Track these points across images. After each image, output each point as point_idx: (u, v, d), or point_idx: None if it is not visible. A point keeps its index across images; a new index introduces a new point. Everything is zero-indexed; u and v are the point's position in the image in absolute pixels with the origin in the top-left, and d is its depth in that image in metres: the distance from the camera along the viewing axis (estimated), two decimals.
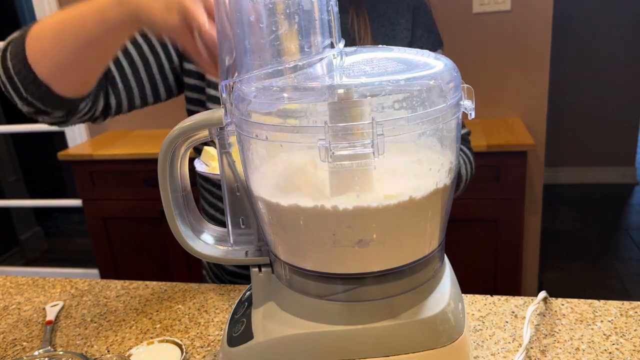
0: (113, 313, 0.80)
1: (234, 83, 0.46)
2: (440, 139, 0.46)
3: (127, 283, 0.89)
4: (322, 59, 0.46)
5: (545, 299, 0.73)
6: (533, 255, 2.19)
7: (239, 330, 0.51)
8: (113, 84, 0.78)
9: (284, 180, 0.47)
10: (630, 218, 3.18)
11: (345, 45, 0.50)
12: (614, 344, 0.64)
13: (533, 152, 2.06)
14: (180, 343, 0.68)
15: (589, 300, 0.73)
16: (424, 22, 0.91)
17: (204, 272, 1.04)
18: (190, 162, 0.56)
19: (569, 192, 3.55)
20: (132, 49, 0.79)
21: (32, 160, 3.38)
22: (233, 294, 0.82)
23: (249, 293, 0.55)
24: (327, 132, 0.40)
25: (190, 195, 0.54)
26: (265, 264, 0.52)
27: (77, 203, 2.38)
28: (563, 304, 0.73)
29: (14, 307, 0.85)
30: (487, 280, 1.94)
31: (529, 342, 0.65)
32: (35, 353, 0.69)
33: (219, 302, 0.80)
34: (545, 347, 0.64)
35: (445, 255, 0.54)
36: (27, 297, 0.88)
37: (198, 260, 1.86)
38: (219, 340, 0.71)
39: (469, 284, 0.83)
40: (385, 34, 0.88)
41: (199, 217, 0.55)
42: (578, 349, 0.63)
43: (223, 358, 0.53)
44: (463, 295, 0.59)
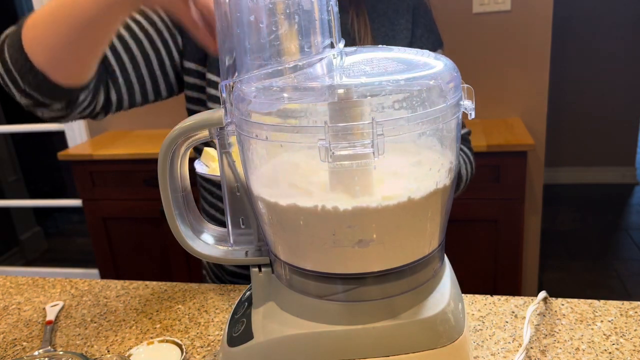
0: (113, 313, 0.80)
1: (234, 83, 0.46)
2: (440, 139, 0.46)
3: (127, 283, 0.89)
4: (322, 59, 0.46)
5: (545, 299, 0.73)
6: (533, 255, 2.19)
7: (239, 330, 0.51)
8: (114, 79, 0.78)
9: (284, 180, 0.47)
10: (630, 218, 3.18)
11: (345, 45, 0.50)
12: (614, 344, 0.64)
13: (533, 152, 2.06)
14: (180, 343, 0.68)
15: (589, 300, 0.73)
16: (424, 22, 0.91)
17: (204, 272, 1.05)
18: (191, 162, 0.56)
19: (569, 192, 3.56)
20: (132, 44, 0.79)
21: (32, 160, 3.39)
22: (233, 294, 0.82)
23: (249, 293, 0.55)
24: (327, 132, 0.40)
25: (190, 195, 0.54)
26: (265, 264, 0.52)
27: (77, 203, 2.38)
28: (563, 304, 0.73)
29: (14, 307, 0.85)
30: (487, 280, 1.94)
31: (529, 342, 0.65)
32: (35, 353, 0.69)
33: (219, 302, 0.80)
34: (545, 347, 0.64)
35: (445, 255, 0.54)
36: (27, 297, 0.88)
37: (198, 260, 1.86)
38: (219, 340, 0.71)
39: (469, 284, 0.83)
40: (385, 34, 0.88)
41: (199, 217, 0.55)
42: (578, 349, 0.63)
43: (223, 358, 0.53)
44: (463, 295, 0.59)
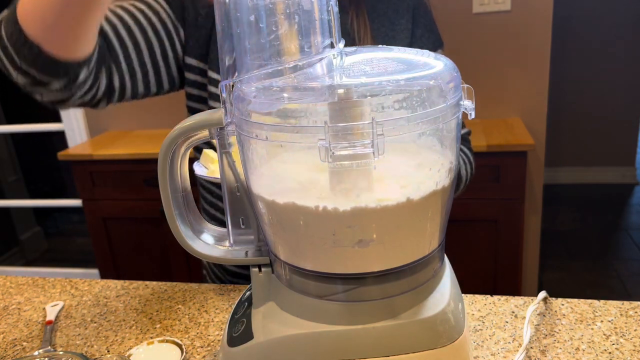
0: (113, 313, 0.80)
1: (234, 83, 0.46)
2: (440, 139, 0.46)
3: (127, 283, 0.89)
4: (322, 59, 0.46)
5: (545, 299, 0.73)
6: (533, 255, 2.19)
7: (239, 330, 0.51)
8: (117, 63, 0.77)
9: (284, 180, 0.47)
10: (630, 218, 3.18)
11: (345, 46, 0.50)
12: (614, 344, 0.64)
13: (533, 152, 2.06)
14: (180, 343, 0.68)
15: (589, 300, 0.73)
16: (424, 22, 0.91)
17: (204, 272, 1.05)
18: (191, 162, 0.56)
19: (569, 192, 3.55)
20: (136, 31, 0.79)
21: (32, 160, 3.39)
22: (233, 294, 0.82)
23: (249, 293, 0.55)
24: (327, 132, 0.40)
25: (190, 195, 0.54)
26: (265, 264, 0.52)
27: (77, 203, 2.38)
28: (563, 304, 0.73)
29: (14, 307, 0.85)
30: (487, 280, 1.94)
31: (529, 342, 0.65)
32: (35, 353, 0.69)
33: (219, 302, 0.80)
34: (545, 347, 0.64)
35: (445, 255, 0.54)
36: (27, 297, 0.88)
37: (198, 260, 1.86)
38: (219, 340, 0.71)
39: (469, 284, 0.83)
40: (385, 34, 0.88)
41: (199, 217, 0.55)
42: (578, 349, 0.63)
43: (223, 358, 0.53)
44: (463, 295, 0.59)
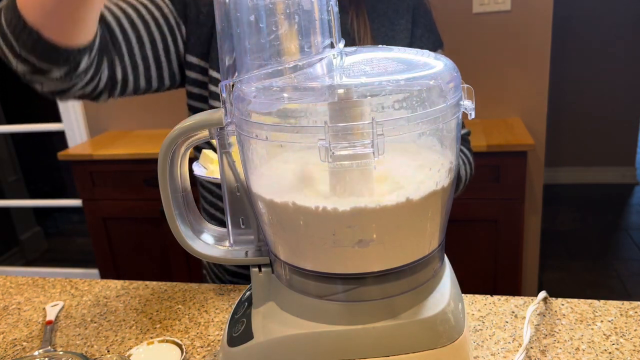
0: (113, 313, 0.80)
1: (234, 83, 0.46)
2: (440, 139, 0.46)
3: (127, 283, 0.89)
4: (322, 59, 0.46)
5: (545, 299, 0.73)
6: (533, 255, 2.19)
7: (239, 330, 0.51)
8: (120, 55, 0.77)
9: (284, 180, 0.47)
10: (630, 218, 3.18)
11: (345, 46, 0.50)
12: (614, 344, 0.64)
13: (533, 152, 2.06)
14: (180, 343, 0.68)
15: (589, 300, 0.73)
16: (424, 22, 0.91)
17: (204, 271, 1.05)
18: (191, 162, 0.56)
19: (569, 192, 3.56)
20: (139, 24, 0.79)
21: (32, 160, 3.38)
22: (233, 294, 0.82)
23: (249, 293, 0.55)
24: (327, 132, 0.40)
25: (190, 195, 0.54)
26: (265, 264, 0.52)
27: (77, 203, 2.38)
28: (563, 304, 0.73)
29: (14, 307, 0.85)
30: (487, 280, 1.94)
31: (529, 342, 0.65)
32: (35, 353, 0.69)
33: (219, 302, 0.80)
34: (545, 347, 0.64)
35: (445, 255, 0.54)
36: (27, 297, 0.88)
37: (198, 260, 1.86)
38: (219, 340, 0.71)
39: (469, 284, 0.83)
40: (385, 34, 0.88)
41: (199, 217, 0.55)
42: (578, 349, 0.63)
43: (223, 358, 0.53)
44: (463, 295, 0.59)
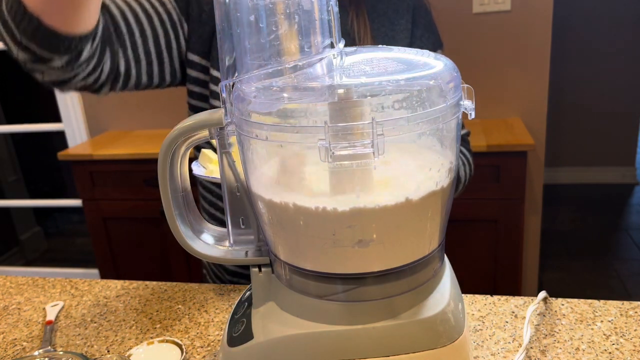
0: (113, 313, 0.80)
1: (234, 83, 0.46)
2: (440, 139, 0.46)
3: (127, 283, 0.89)
4: (322, 59, 0.46)
5: (545, 299, 0.73)
6: (533, 255, 2.19)
7: (239, 330, 0.51)
8: (124, 48, 0.77)
9: (284, 180, 0.47)
10: (630, 218, 3.18)
11: (345, 46, 0.50)
12: (614, 344, 0.64)
13: (533, 152, 2.06)
14: (180, 343, 0.68)
15: (589, 300, 0.73)
16: (424, 22, 0.91)
17: (204, 271, 1.05)
18: (191, 162, 0.56)
19: (569, 192, 3.55)
20: (143, 17, 0.79)
21: (32, 160, 3.38)
22: (233, 294, 0.82)
23: (249, 293, 0.55)
24: (327, 132, 0.40)
25: (190, 195, 0.54)
26: (265, 264, 0.52)
27: (77, 203, 2.38)
28: (563, 304, 0.73)
29: (14, 307, 0.85)
30: (487, 280, 1.94)
31: (529, 342, 0.65)
32: (35, 353, 0.69)
33: (219, 302, 0.80)
34: (545, 347, 0.64)
35: (445, 255, 0.54)
36: (27, 297, 0.88)
37: (198, 260, 1.86)
38: (219, 340, 0.71)
39: (469, 284, 0.84)
40: (385, 35, 0.88)
41: (199, 217, 0.55)
42: (578, 349, 0.63)
43: (223, 358, 0.53)
44: (463, 295, 0.59)
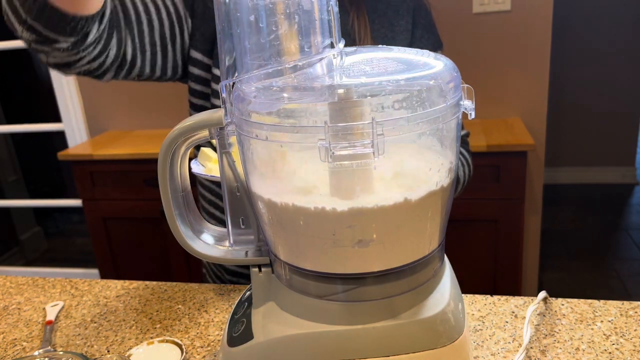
0: (113, 313, 0.80)
1: (234, 83, 0.46)
2: (440, 139, 0.46)
3: (127, 283, 0.89)
4: (322, 59, 0.46)
5: (545, 299, 0.73)
6: (533, 255, 2.19)
7: (239, 330, 0.51)
8: (132, 35, 0.77)
9: (284, 181, 0.47)
10: (630, 218, 3.18)
11: (345, 46, 0.50)
12: (614, 344, 0.64)
13: (533, 152, 2.06)
14: (180, 343, 0.68)
15: (589, 300, 0.73)
16: (424, 23, 0.91)
17: (204, 270, 1.05)
18: (190, 161, 0.56)
19: (569, 192, 3.55)
20: (151, 7, 0.80)
21: (32, 160, 3.38)
22: (233, 294, 0.82)
23: (249, 293, 0.55)
24: (327, 132, 0.40)
25: (190, 195, 0.54)
26: (265, 264, 0.52)
27: (77, 203, 2.38)
28: (563, 304, 0.73)
29: (14, 307, 0.85)
30: (487, 280, 1.94)
31: (529, 342, 0.65)
32: (35, 353, 0.69)
33: (219, 302, 0.80)
34: (545, 347, 0.64)
35: (445, 255, 0.54)
36: (27, 297, 0.88)
37: (198, 260, 1.86)
38: (219, 340, 0.71)
39: (469, 284, 0.84)
40: (385, 35, 0.88)
41: (199, 217, 0.55)
42: (578, 349, 0.63)
43: (223, 358, 0.53)
44: (463, 295, 0.59)
